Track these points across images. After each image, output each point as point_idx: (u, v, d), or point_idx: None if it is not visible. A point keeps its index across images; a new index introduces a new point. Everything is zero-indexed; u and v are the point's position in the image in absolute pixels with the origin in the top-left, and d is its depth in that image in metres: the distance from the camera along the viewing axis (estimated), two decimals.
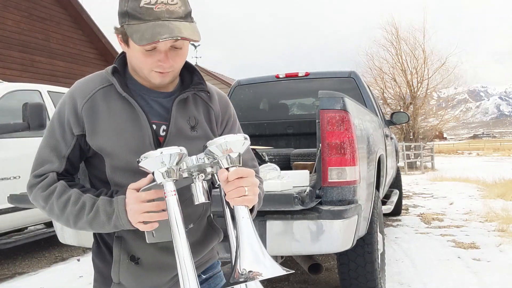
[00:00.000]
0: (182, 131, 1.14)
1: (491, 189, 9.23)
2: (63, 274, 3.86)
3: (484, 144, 66.16)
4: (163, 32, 0.97)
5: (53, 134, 1.13)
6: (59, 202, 1.07)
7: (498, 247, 4.42)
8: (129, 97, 1.09)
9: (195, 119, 1.17)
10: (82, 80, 1.16)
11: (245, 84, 4.71)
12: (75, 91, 1.12)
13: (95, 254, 1.19)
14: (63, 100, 1.13)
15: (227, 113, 1.26)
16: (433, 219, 6.19)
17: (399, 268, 3.75)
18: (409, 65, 22.48)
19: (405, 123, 6.18)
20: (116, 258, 1.11)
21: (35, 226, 4.78)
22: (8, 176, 3.90)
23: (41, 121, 3.92)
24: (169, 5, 1.00)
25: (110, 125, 1.09)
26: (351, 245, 2.29)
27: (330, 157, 2.27)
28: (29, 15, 9.48)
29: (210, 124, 1.21)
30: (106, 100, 1.10)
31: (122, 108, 1.10)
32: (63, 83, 9.13)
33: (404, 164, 17.08)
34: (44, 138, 1.15)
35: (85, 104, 1.09)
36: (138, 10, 0.99)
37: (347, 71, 4.42)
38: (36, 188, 1.10)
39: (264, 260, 0.89)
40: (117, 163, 1.09)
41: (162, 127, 1.13)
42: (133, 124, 1.10)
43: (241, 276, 0.87)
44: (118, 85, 1.09)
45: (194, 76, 1.20)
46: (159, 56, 1.03)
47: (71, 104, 1.10)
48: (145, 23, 0.99)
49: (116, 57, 1.17)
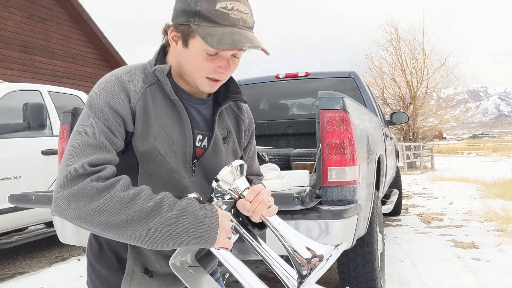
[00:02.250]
0: (218, 143, 1.11)
1: (491, 189, 9.23)
2: (64, 274, 3.87)
3: (483, 144, 66.15)
4: (244, 41, 0.94)
5: (104, 119, 0.95)
6: (125, 195, 0.87)
7: (497, 247, 4.42)
8: (179, 101, 1.03)
9: (227, 130, 1.15)
10: (125, 70, 1.04)
11: (245, 84, 4.71)
12: (125, 82, 1.00)
13: (96, 259, 1.09)
14: (111, 87, 0.98)
15: (251, 125, 1.27)
16: (433, 219, 6.19)
17: (399, 268, 3.76)
18: (408, 65, 22.53)
19: (404, 123, 6.18)
20: (129, 270, 1.04)
21: (36, 226, 4.78)
22: (9, 176, 3.91)
23: (41, 121, 3.92)
24: (243, 14, 0.97)
25: (159, 130, 1.01)
26: (351, 245, 2.29)
27: (330, 157, 2.27)
28: (30, 16, 9.48)
29: (239, 136, 1.20)
30: (153, 100, 1.03)
31: (168, 111, 1.03)
32: (64, 83, 9.14)
33: (403, 164, 17.10)
34: (90, 120, 0.95)
35: (138, 101, 1.00)
36: (213, 13, 0.94)
37: (347, 71, 4.43)
38: (89, 178, 0.87)
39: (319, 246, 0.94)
40: (154, 171, 1.02)
41: (199, 136, 1.08)
42: (178, 131, 1.04)
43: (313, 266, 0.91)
44: (171, 87, 1.02)
45: (229, 83, 1.14)
46: (220, 62, 0.99)
47: (125, 96, 0.98)
48: (220, 27, 0.94)
49: (156, 55, 1.07)
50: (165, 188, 0.96)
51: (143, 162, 1.01)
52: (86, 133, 0.93)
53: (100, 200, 0.85)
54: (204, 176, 1.10)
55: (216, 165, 1.10)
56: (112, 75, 1.02)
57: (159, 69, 1.02)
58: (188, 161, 1.06)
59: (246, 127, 1.23)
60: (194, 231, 0.90)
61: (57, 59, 10.10)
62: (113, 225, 0.86)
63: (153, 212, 0.87)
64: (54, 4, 10.21)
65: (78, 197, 0.86)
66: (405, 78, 22.32)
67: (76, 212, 0.86)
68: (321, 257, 0.92)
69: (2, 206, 3.77)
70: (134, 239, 0.88)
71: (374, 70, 23.01)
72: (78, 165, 0.88)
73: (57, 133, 4.39)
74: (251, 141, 1.28)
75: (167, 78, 1.02)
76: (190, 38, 0.98)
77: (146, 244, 0.89)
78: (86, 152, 0.90)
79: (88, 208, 0.85)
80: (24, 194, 2.59)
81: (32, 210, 4.04)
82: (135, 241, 0.89)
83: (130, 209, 0.86)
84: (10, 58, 8.94)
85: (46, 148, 4.28)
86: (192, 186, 1.08)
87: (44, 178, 4.15)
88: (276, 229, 0.99)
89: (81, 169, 0.88)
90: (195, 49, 0.98)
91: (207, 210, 0.93)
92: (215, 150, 1.10)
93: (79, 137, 0.93)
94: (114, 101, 0.97)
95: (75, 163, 0.88)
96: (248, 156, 1.28)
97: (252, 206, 0.99)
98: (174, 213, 0.89)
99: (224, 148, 1.13)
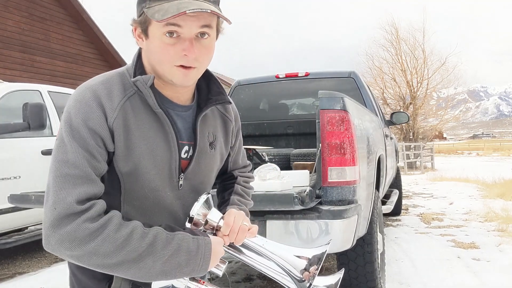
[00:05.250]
0: (203, 151, 1.07)
1: (491, 189, 9.23)
2: (64, 274, 3.86)
3: (483, 144, 66.14)
4: (190, 6, 0.87)
5: (84, 143, 0.89)
6: (118, 236, 0.85)
7: (497, 247, 4.42)
8: (164, 114, 0.96)
9: (213, 135, 1.10)
10: (100, 81, 0.96)
11: (245, 84, 4.71)
12: (101, 96, 0.93)
13: (78, 269, 1.04)
14: (87, 104, 0.91)
15: (237, 122, 1.23)
16: (433, 219, 6.19)
17: (399, 268, 3.75)
18: (409, 65, 22.51)
19: (405, 123, 6.19)
20: (117, 285, 0.97)
21: (35, 226, 4.78)
22: (9, 176, 3.91)
23: (41, 121, 3.92)
24: None
25: (142, 145, 0.95)
26: (351, 245, 2.29)
27: (330, 157, 2.27)
28: (30, 15, 9.48)
29: (226, 137, 1.16)
30: (134, 113, 0.95)
31: (149, 122, 0.97)
32: (63, 83, 9.14)
33: (404, 164, 17.09)
34: (71, 147, 0.89)
35: (116, 118, 0.92)
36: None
37: (347, 71, 4.42)
38: (80, 219, 0.84)
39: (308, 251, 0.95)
40: (138, 190, 0.97)
41: (185, 148, 1.04)
42: (163, 145, 0.98)
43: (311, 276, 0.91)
44: (154, 100, 0.95)
45: (211, 85, 1.08)
46: (183, 44, 0.91)
47: (101, 113, 0.92)
48: (168, 2, 0.89)
49: (135, 62, 1.00)
50: (149, 206, 0.97)
51: (125, 182, 0.96)
52: (68, 162, 0.88)
53: (93, 242, 0.84)
54: (191, 187, 1.07)
55: (202, 174, 1.09)
56: (88, 88, 0.94)
57: (142, 80, 0.95)
58: (174, 175, 1.02)
59: (233, 124, 1.18)
60: (187, 266, 0.90)
61: (57, 59, 10.10)
62: (107, 265, 0.86)
63: (146, 250, 0.87)
64: (54, 4, 10.21)
65: (71, 239, 0.84)
66: (405, 78, 22.32)
67: (69, 252, 0.85)
68: (318, 263, 0.91)
69: (2, 206, 3.77)
70: (127, 275, 0.88)
71: (374, 70, 23.04)
72: (67, 205, 0.85)
73: (57, 133, 4.39)
74: (238, 137, 1.24)
75: (150, 90, 0.95)
76: (148, 26, 0.93)
77: (140, 279, 0.89)
78: (72, 185, 0.87)
79: (81, 250, 0.84)
80: (24, 194, 2.59)
81: (32, 210, 4.04)
82: (128, 277, 0.89)
83: (124, 250, 0.85)
84: (10, 58, 8.94)
85: (46, 148, 4.28)
86: (177, 201, 1.05)
87: (44, 178, 4.11)
88: (262, 248, 1.00)
89: (70, 208, 0.85)
90: (154, 36, 0.92)
91: (200, 243, 0.92)
92: (201, 158, 1.06)
93: (61, 167, 0.88)
94: (91, 121, 0.90)
95: (62, 200, 0.85)
96: (234, 153, 1.25)
97: (231, 238, 1.00)
98: (168, 251, 0.88)
99: (211, 154, 1.09)
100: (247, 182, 1.29)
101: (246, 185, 1.27)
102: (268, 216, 2.21)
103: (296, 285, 0.92)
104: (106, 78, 0.98)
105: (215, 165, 1.14)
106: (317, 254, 0.93)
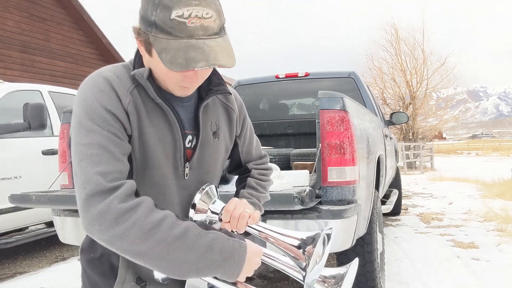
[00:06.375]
0: (207, 140, 1.08)
1: (490, 189, 9.24)
2: (64, 274, 3.87)
3: (483, 144, 66.16)
4: (198, 59, 0.85)
5: (105, 123, 0.90)
6: (148, 221, 0.84)
7: (497, 246, 4.43)
8: (164, 104, 0.98)
9: (216, 124, 1.11)
10: (109, 68, 0.99)
11: (245, 84, 4.71)
12: (112, 81, 0.94)
13: (89, 264, 1.06)
14: (100, 88, 0.92)
15: (242, 111, 1.22)
16: (433, 218, 6.20)
17: (399, 268, 3.76)
18: (408, 65, 22.52)
19: (404, 123, 6.19)
20: (121, 279, 1.00)
21: (36, 226, 4.79)
22: (9, 176, 3.91)
23: (42, 121, 3.93)
24: (203, 20, 0.87)
25: (152, 132, 0.97)
26: (350, 245, 2.30)
27: (329, 157, 2.28)
28: (30, 16, 9.49)
29: (230, 127, 1.16)
30: (142, 101, 0.97)
31: (155, 111, 0.99)
32: (63, 83, 9.15)
33: (403, 164, 17.11)
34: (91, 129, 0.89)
35: (130, 102, 0.94)
36: (168, 23, 0.86)
37: (347, 71, 4.43)
38: (110, 197, 0.84)
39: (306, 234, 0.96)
40: (148, 174, 0.98)
41: (189, 137, 1.05)
42: (169, 133, 1.00)
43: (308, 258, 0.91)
44: (153, 90, 0.96)
45: (211, 76, 1.09)
46: (186, 73, 0.93)
47: (115, 96, 0.93)
48: (175, 40, 0.86)
49: (134, 57, 1.02)
50: (157, 196, 0.98)
51: (138, 168, 0.97)
52: (91, 144, 0.88)
53: (123, 224, 0.83)
54: (197, 178, 1.08)
55: (207, 163, 1.09)
56: (99, 74, 0.95)
57: (138, 73, 0.96)
58: (179, 164, 1.03)
59: (237, 114, 1.18)
60: (221, 267, 0.88)
61: (57, 59, 10.10)
62: (136, 252, 0.84)
63: (176, 242, 0.85)
64: (54, 4, 10.21)
65: (101, 220, 0.84)
66: (405, 78, 22.33)
67: (99, 234, 0.85)
68: (315, 243, 0.92)
69: (2, 206, 3.78)
70: (160, 269, 0.87)
71: (374, 70, 23.05)
72: (95, 182, 0.85)
73: (57, 133, 4.39)
74: (245, 125, 1.23)
75: (147, 82, 0.96)
76: (151, 47, 0.91)
77: (173, 274, 0.87)
78: (98, 164, 0.87)
79: (110, 233, 0.84)
80: (25, 194, 2.59)
81: (32, 210, 4.04)
82: (162, 271, 0.87)
83: (151, 238, 0.83)
84: (10, 58, 8.94)
85: (47, 148, 4.29)
86: (183, 191, 1.05)
87: (44, 178, 4.15)
88: (264, 234, 1.00)
89: (99, 185, 0.85)
90: (158, 60, 0.90)
91: (235, 246, 0.90)
92: (205, 147, 1.07)
93: (85, 149, 0.88)
94: (108, 104, 0.91)
95: (91, 179, 0.85)
96: (244, 142, 1.24)
97: (232, 224, 1.01)
98: (199, 247, 0.86)
99: (215, 143, 1.10)
100: (263, 175, 1.27)
101: (261, 177, 1.26)
102: (268, 216, 2.21)
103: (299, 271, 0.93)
104: (114, 67, 1.00)
105: (220, 155, 1.13)
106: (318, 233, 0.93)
